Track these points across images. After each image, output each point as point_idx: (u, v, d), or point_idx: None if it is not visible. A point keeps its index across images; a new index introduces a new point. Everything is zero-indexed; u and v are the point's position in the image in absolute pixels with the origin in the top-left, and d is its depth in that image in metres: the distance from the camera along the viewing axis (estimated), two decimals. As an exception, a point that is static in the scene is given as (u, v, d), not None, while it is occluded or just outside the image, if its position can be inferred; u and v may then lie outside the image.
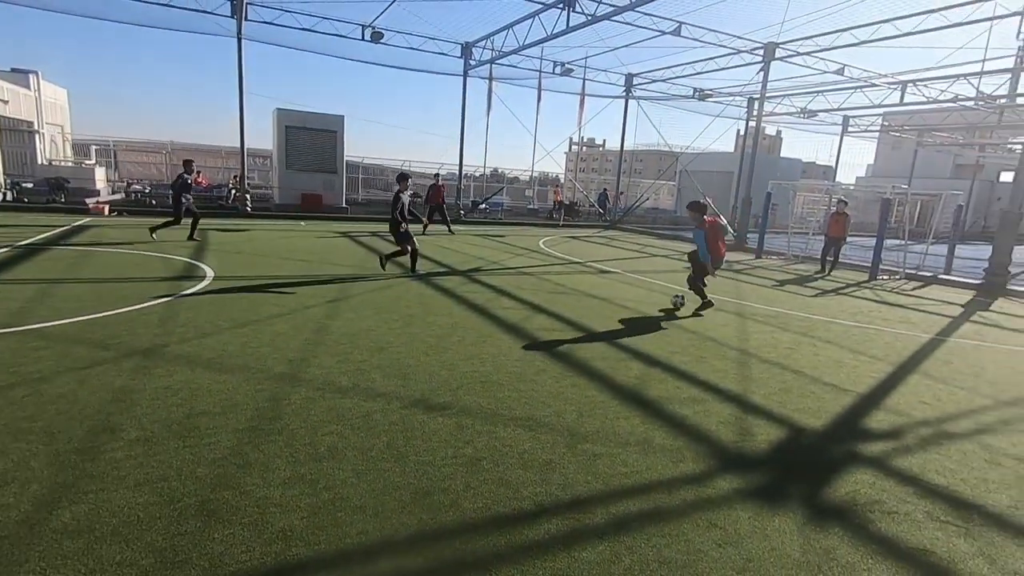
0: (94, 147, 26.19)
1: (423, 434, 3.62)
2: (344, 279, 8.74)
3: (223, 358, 4.77)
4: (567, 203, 27.19)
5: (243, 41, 17.65)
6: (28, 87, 22.08)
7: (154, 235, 11.38)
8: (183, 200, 11.61)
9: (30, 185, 19.22)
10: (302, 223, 17.73)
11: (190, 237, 11.82)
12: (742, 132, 28.70)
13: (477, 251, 13.81)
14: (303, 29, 18.73)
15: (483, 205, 26.28)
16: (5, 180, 18.59)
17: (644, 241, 20.15)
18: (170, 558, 2.32)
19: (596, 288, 9.62)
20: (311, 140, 21.13)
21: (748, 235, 19.29)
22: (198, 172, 24.32)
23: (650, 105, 27.16)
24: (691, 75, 23.61)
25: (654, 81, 25.46)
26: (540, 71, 24.58)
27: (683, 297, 8.11)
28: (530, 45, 18.49)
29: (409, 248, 9.46)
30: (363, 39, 19.57)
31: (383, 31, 19.37)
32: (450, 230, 17.18)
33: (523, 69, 23.34)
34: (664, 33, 17.18)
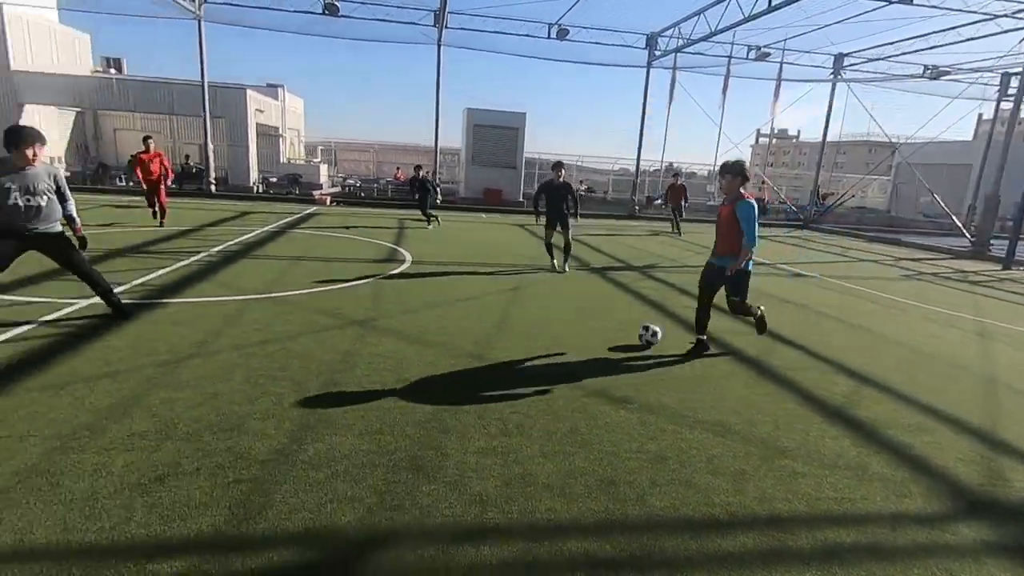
0: (320, 147, 30.89)
1: (606, 424, 3.61)
2: (522, 269, 9.11)
3: (423, 334, 5.29)
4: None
5: (442, 47, 19.30)
6: (276, 98, 26.76)
7: (431, 225, 14.09)
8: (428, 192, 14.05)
9: (275, 179, 23.38)
10: (483, 215, 18.90)
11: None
12: (986, 116, 23.60)
13: (653, 247, 13.41)
14: (494, 32, 19.84)
15: (659, 201, 25.41)
16: (259, 176, 22.81)
17: (846, 244, 17.72)
18: (388, 502, 2.64)
19: (789, 292, 8.71)
20: (495, 137, 22.37)
21: (992, 241, 15.87)
22: (397, 168, 27.18)
23: (862, 89, 23.69)
24: (920, 51, 20.04)
25: (870, 60, 22.14)
26: (730, 57, 22.93)
27: (656, 332, 5.30)
28: (723, 30, 17.30)
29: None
30: (548, 37, 20.11)
31: (568, 27, 19.69)
32: (679, 231, 16.38)
33: (711, 56, 21.98)
34: (892, 2, 14.80)
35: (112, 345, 4.46)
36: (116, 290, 5.35)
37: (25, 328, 4.69)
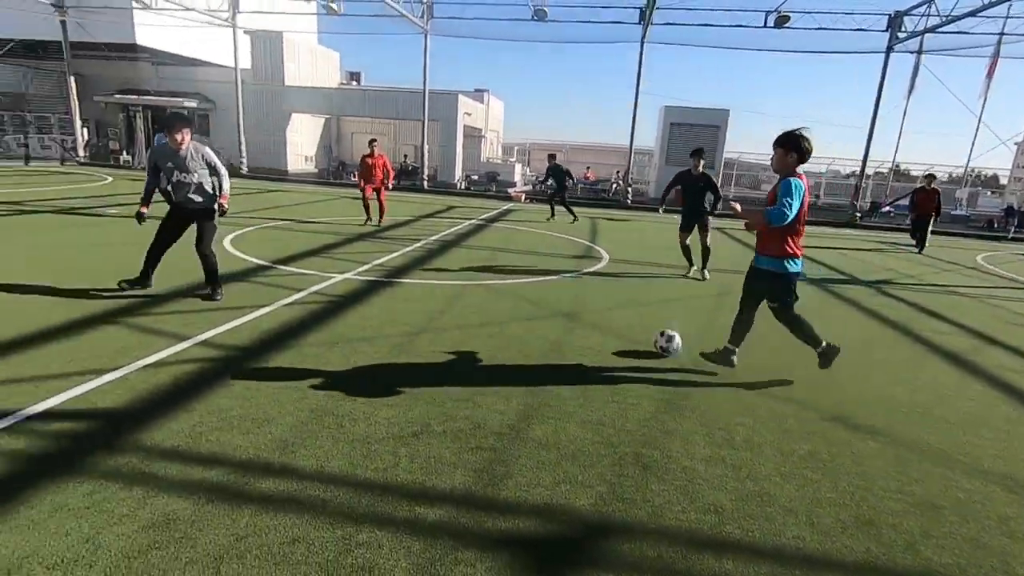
0: (516, 147, 32.60)
1: (852, 454, 3.18)
2: (723, 272, 8.53)
3: (628, 331, 5.24)
4: (1019, 209, 20.28)
5: (645, 44, 18.95)
6: (482, 102, 28.86)
7: (551, 218, 13.83)
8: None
9: (475, 177, 25.26)
10: (677, 217, 18.18)
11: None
12: None
13: (883, 260, 11.58)
14: (702, 25, 18.89)
15: (887, 208, 21.90)
16: (462, 173, 24.89)
17: None
18: (619, 493, 2.64)
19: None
20: (693, 135, 21.35)
21: None
22: (587, 168, 27.40)
23: None
24: None
25: None
26: (1002, 33, 18.76)
27: (674, 339, 4.53)
28: (1000, 1, 14.18)
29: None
30: (764, 26, 18.51)
31: (789, 14, 17.88)
32: (922, 246, 12.97)
33: (972, 35, 18.17)
34: None
35: (365, 315, 5.20)
36: (358, 269, 6.23)
37: (303, 294, 5.72)
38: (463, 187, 23.66)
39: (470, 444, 2.99)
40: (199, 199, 5.13)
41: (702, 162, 7.70)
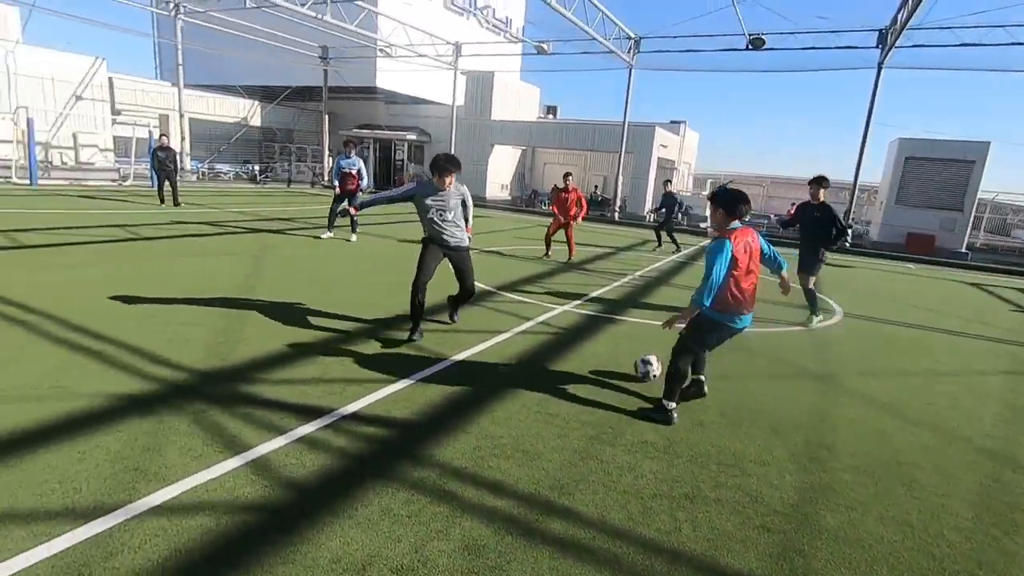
0: (708, 180, 31.12)
1: None
2: (1002, 339, 6.95)
3: (900, 407, 4.47)
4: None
5: (883, 70, 16.81)
6: (677, 134, 28.18)
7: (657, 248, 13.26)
8: None
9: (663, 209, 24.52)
10: (911, 266, 15.60)
11: None
12: None
13: None
14: (960, 45, 16.17)
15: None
16: (652, 206, 24.39)
17: None
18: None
19: None
20: (936, 172, 18.25)
21: None
22: (792, 204, 24.96)
23: None
24: None
25: None
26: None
27: (651, 363, 4.48)
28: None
29: None
30: (1051, 42, 15.18)
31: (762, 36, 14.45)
32: None
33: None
34: None
35: (596, 351, 5.22)
36: (576, 302, 6.29)
37: (532, 323, 5.95)
38: (651, 220, 23.18)
39: (754, 521, 2.73)
40: (458, 234, 5.25)
41: (823, 191, 6.91)
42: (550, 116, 32.46)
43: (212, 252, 8.60)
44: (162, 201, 14.49)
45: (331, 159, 28.96)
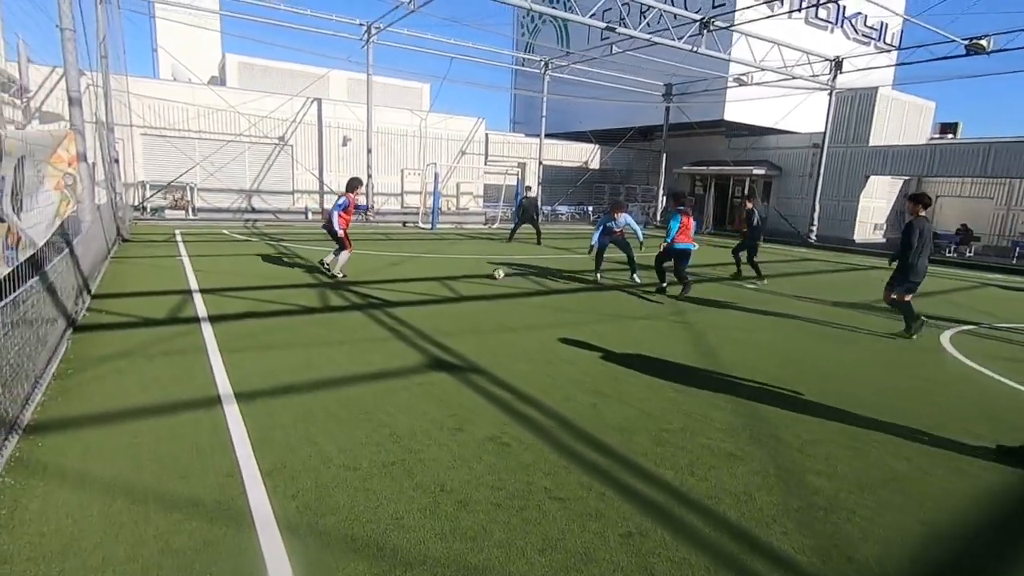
0: None
1: None
2: None
3: None
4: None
5: None
6: None
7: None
8: None
9: None
10: None
11: None
12: None
13: None
14: None
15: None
16: None
17: None
18: None
19: None
20: None
21: None
22: None
23: None
24: None
25: None
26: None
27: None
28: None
29: None
30: None
31: None
32: None
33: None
34: None
35: None
36: None
37: None
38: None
39: None
40: None
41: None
42: (949, 136, 25.24)
43: (632, 314, 7.65)
44: (510, 240, 16.40)
45: (664, 198, 28.01)
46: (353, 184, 9.05)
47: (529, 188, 19.50)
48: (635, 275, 9.91)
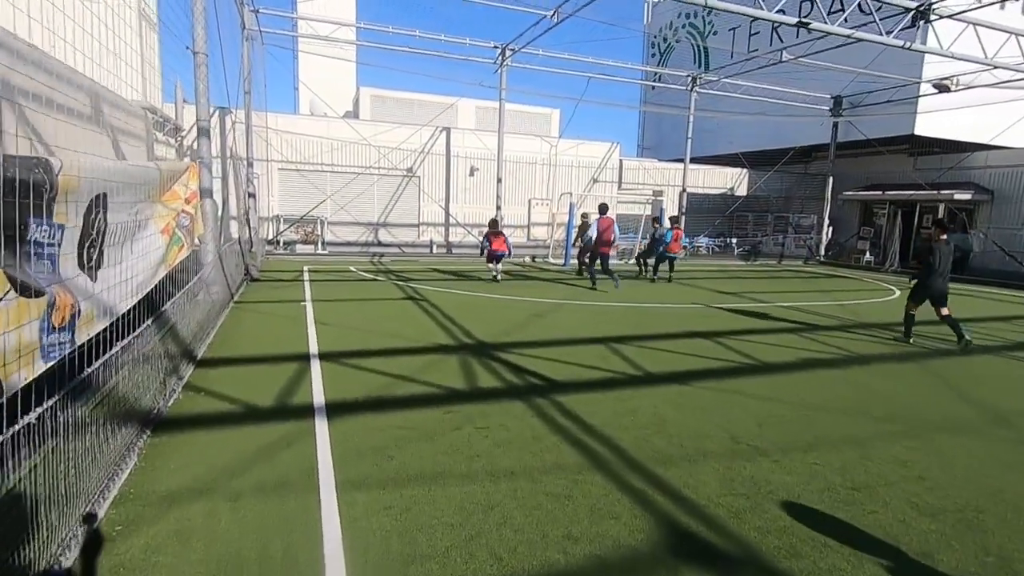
0: None
1: None
2: None
3: None
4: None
5: None
6: None
7: None
8: None
9: None
10: None
11: None
12: None
13: None
14: None
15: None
16: None
17: None
18: None
19: None
20: None
21: None
22: None
23: None
24: None
25: None
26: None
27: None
28: None
29: None
30: None
31: None
32: None
33: None
34: None
35: None
36: None
37: None
38: None
39: None
40: None
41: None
42: None
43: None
44: (640, 275, 14.68)
45: (829, 229, 23.84)
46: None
47: (657, 219, 16.76)
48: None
